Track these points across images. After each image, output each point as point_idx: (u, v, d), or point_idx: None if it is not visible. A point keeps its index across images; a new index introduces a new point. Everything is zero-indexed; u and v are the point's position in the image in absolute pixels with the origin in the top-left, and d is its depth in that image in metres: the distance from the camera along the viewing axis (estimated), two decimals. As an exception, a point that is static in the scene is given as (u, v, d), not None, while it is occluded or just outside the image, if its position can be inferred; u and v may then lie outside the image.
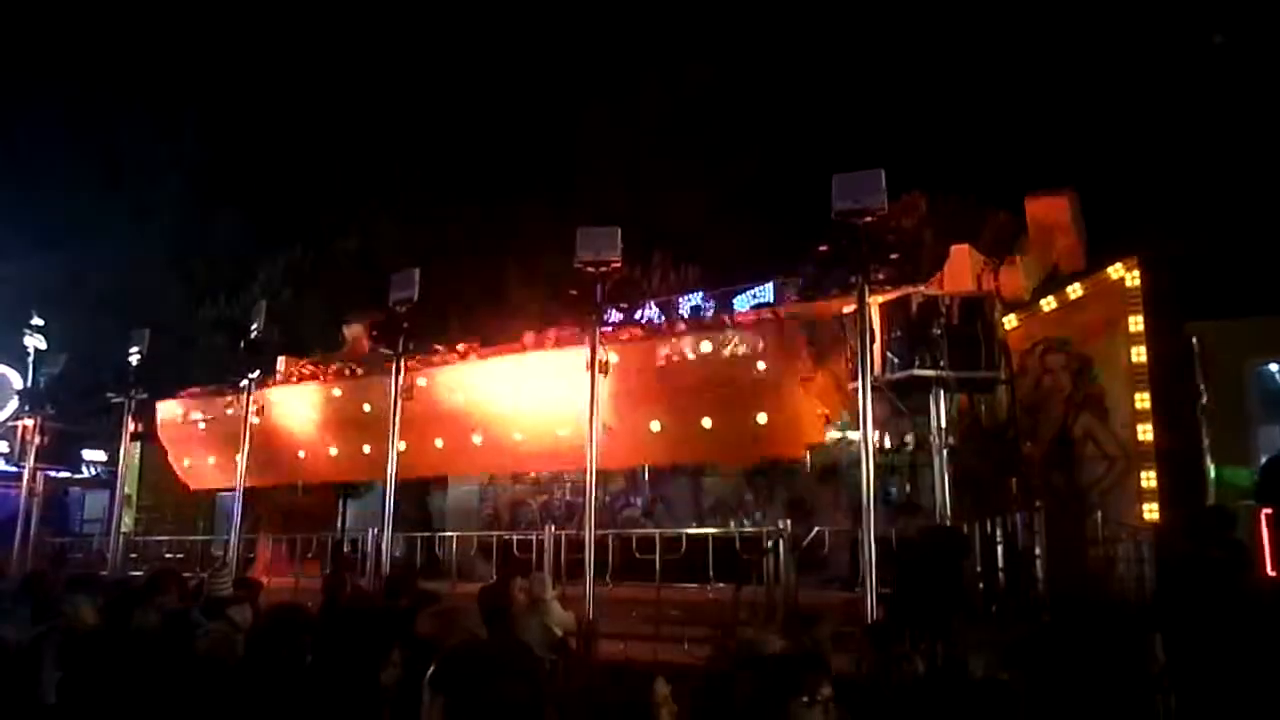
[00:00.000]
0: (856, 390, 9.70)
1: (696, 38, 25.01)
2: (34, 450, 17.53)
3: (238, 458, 15.12)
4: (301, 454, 16.89)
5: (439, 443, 15.09)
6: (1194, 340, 11.94)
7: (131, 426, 16.47)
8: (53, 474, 19.16)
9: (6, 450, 21.30)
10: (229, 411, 16.76)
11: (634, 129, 24.07)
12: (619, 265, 11.19)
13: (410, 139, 27.32)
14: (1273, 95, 16.68)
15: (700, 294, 17.46)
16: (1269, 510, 7.79)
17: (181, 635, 5.21)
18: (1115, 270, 12.84)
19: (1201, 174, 16.53)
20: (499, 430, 14.56)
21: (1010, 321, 12.51)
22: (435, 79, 27.31)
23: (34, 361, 20.20)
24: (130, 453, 17.66)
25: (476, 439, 14.78)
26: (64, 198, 28.20)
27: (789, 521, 11.71)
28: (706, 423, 12.75)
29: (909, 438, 13.59)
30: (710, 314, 17.02)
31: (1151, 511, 11.97)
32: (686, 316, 15.70)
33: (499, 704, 4.16)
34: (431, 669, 4.05)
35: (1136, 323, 12.66)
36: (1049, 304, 13.15)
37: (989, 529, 10.08)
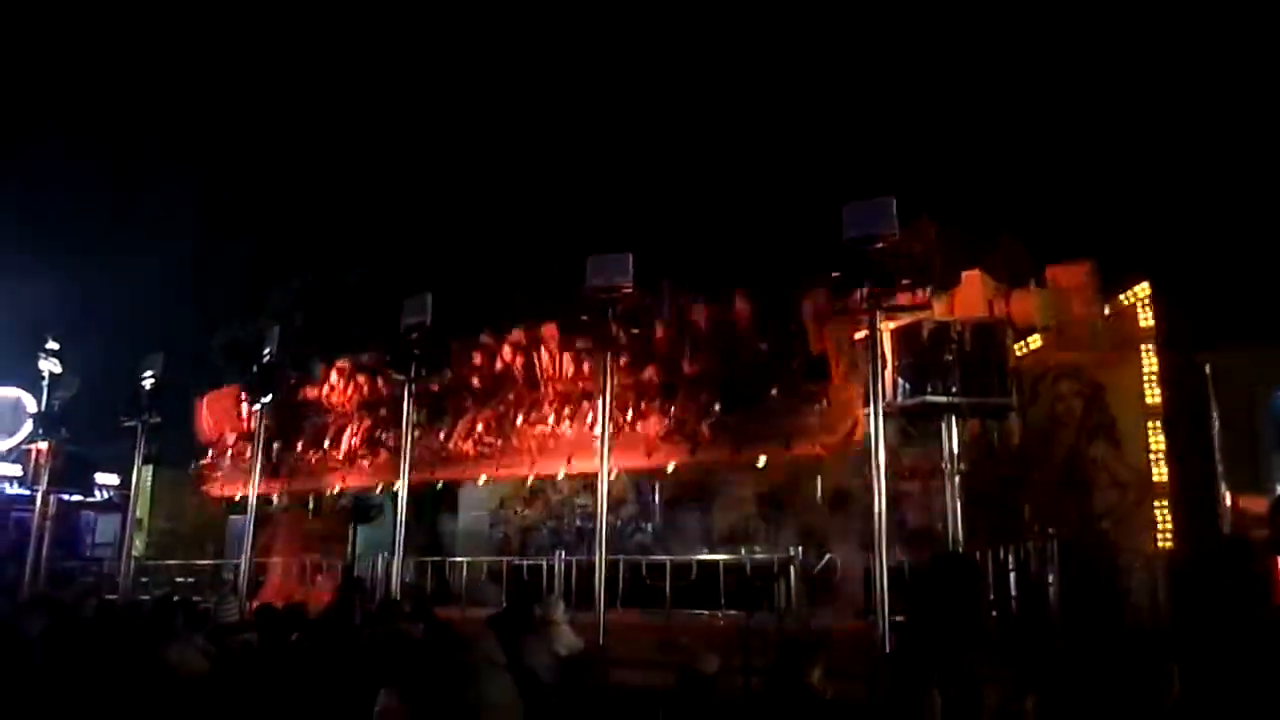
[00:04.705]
0: (868, 416, 9.69)
1: (708, 63, 25.20)
2: (47, 473, 17.56)
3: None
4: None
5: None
6: (1206, 368, 11.88)
7: (144, 449, 16.51)
8: (65, 497, 19.17)
9: (20, 473, 21.36)
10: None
11: (643, 156, 24.26)
12: (630, 291, 11.22)
13: (420, 165, 27.55)
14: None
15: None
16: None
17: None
18: (1127, 298, 12.83)
19: (1212, 203, 16.54)
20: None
21: (1022, 348, 12.48)
22: (445, 108, 27.57)
23: (48, 385, 20.30)
24: (142, 476, 17.69)
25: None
26: (78, 223, 28.46)
27: (800, 549, 11.68)
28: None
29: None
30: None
31: (1165, 540, 11.90)
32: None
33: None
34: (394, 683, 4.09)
35: (1149, 351, 12.63)
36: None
37: (1002, 557, 10.01)
